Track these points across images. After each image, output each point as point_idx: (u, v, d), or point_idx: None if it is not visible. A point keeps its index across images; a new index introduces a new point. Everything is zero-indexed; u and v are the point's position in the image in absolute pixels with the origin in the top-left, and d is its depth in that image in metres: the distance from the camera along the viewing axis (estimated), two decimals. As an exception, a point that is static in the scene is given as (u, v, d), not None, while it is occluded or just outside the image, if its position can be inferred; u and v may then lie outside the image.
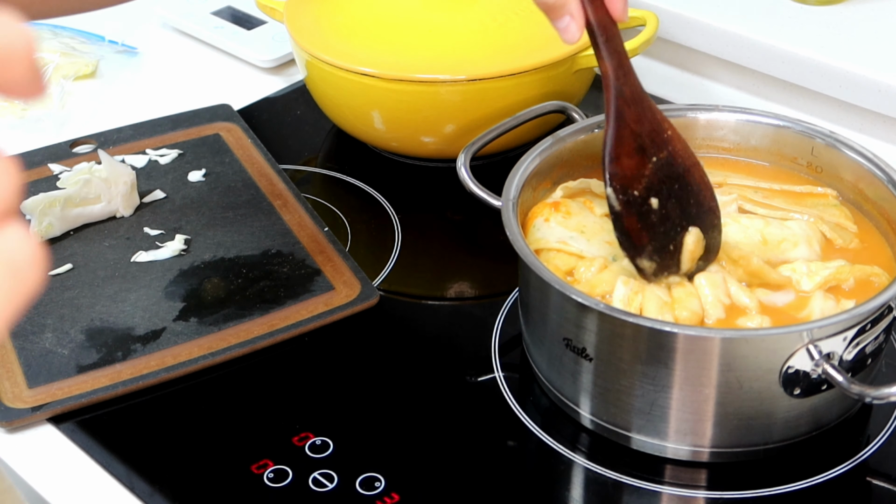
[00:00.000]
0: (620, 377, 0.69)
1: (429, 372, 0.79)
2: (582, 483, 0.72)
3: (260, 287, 0.84)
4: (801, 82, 1.02)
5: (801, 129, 0.82)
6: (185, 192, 0.95)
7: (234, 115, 1.04)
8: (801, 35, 1.03)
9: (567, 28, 0.68)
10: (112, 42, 1.19)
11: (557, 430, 0.74)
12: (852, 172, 0.80)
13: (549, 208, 0.78)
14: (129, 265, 0.86)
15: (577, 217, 0.78)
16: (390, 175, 1.00)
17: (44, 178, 0.96)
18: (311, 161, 1.03)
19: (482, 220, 0.87)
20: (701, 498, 0.71)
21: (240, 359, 0.79)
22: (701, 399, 0.67)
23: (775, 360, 0.66)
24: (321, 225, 0.90)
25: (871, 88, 0.97)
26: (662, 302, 0.70)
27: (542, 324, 0.74)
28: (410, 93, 0.92)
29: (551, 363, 0.74)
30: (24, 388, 0.76)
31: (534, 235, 0.77)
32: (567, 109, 0.87)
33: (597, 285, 0.72)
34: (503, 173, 0.78)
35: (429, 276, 0.90)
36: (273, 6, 1.04)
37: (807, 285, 0.73)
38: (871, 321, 0.67)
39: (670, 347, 0.66)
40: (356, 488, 0.70)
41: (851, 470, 0.71)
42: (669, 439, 0.70)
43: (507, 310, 0.84)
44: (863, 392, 0.66)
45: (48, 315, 0.82)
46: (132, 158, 0.98)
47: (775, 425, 0.69)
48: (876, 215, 0.78)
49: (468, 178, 0.79)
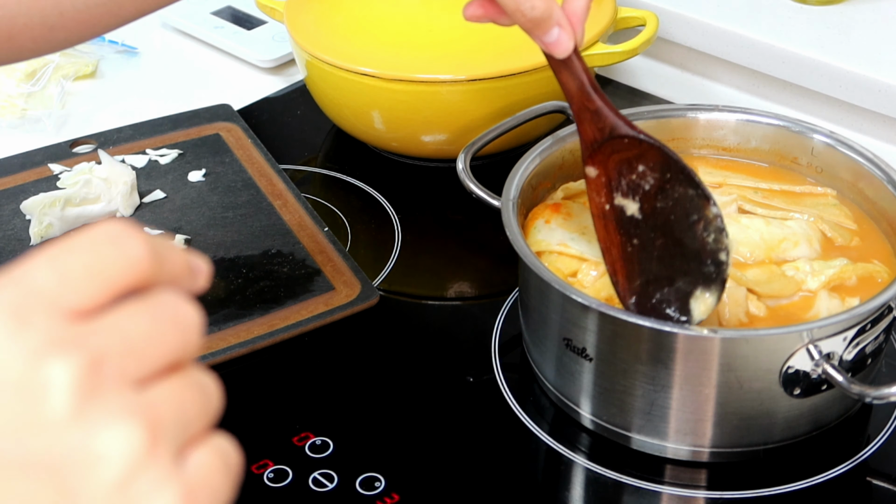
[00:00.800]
0: (620, 377, 0.69)
1: (429, 372, 0.79)
2: (582, 483, 0.72)
3: (260, 287, 0.84)
4: (801, 82, 1.02)
5: (801, 129, 0.82)
6: (185, 192, 0.95)
7: (234, 115, 1.04)
8: (801, 35, 1.03)
9: (558, 40, 0.64)
10: (112, 42, 1.19)
11: (557, 430, 0.74)
12: (852, 172, 0.79)
13: (550, 210, 0.78)
14: (129, 265, 0.86)
15: (578, 218, 0.77)
16: (390, 175, 1.00)
17: (44, 178, 0.96)
18: (311, 161, 1.03)
19: (482, 220, 0.87)
20: (701, 498, 0.71)
21: (240, 359, 0.79)
22: (701, 399, 0.67)
23: (775, 360, 0.66)
24: (321, 225, 0.90)
25: (871, 88, 0.97)
26: None
27: (542, 324, 0.74)
28: (410, 93, 0.92)
29: (551, 363, 0.74)
30: (24, 388, 0.76)
31: (534, 237, 0.77)
32: (567, 109, 0.86)
33: (601, 290, 0.72)
34: (503, 173, 0.78)
35: (429, 276, 0.90)
36: (273, 6, 1.04)
37: (812, 284, 0.73)
38: (871, 321, 0.67)
39: (670, 347, 0.66)
40: (356, 488, 0.70)
41: (851, 470, 0.71)
42: (669, 439, 0.70)
43: (507, 310, 0.84)
44: (863, 392, 0.66)
45: (48, 315, 0.82)
46: (132, 158, 0.98)
47: (775, 425, 0.69)
48: (876, 215, 0.78)
49: (468, 178, 0.79)
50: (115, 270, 0.31)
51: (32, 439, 0.29)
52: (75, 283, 0.31)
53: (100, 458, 0.29)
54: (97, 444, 0.29)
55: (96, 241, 0.31)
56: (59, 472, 0.29)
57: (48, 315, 0.30)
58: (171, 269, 0.33)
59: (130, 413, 0.30)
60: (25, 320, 0.30)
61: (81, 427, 0.29)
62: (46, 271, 0.31)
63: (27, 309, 0.30)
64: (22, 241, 0.89)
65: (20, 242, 0.89)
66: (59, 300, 0.30)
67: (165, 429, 0.31)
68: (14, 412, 0.29)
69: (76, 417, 0.29)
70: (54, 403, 0.29)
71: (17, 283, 0.31)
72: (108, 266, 0.31)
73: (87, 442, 0.29)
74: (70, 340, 0.30)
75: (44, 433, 0.29)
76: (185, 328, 0.32)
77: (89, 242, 0.31)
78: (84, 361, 0.30)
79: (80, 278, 0.31)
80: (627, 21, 1.00)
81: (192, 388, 0.32)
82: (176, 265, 0.33)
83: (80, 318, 0.31)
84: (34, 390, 0.29)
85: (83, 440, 0.29)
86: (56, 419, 0.29)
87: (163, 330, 0.32)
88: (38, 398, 0.29)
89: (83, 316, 0.31)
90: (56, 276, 0.31)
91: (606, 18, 0.97)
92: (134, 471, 0.29)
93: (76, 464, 0.29)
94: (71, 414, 0.29)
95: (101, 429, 0.29)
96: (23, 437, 0.29)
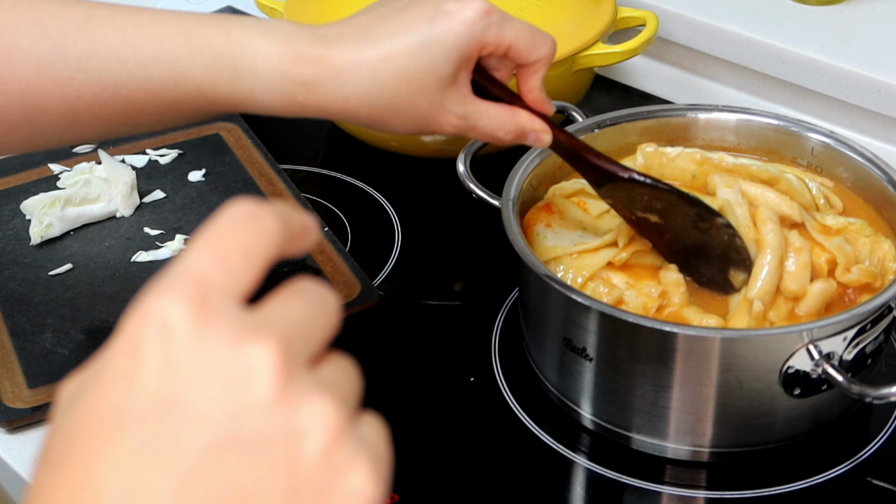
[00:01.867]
0: (620, 377, 0.69)
1: (429, 372, 0.79)
2: (582, 483, 0.72)
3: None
4: (801, 82, 1.02)
5: (801, 129, 0.82)
6: (185, 192, 0.95)
7: (234, 115, 1.04)
8: (801, 35, 1.03)
9: (537, 139, 0.69)
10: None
11: (557, 430, 0.74)
12: (852, 172, 0.80)
13: (544, 213, 0.78)
14: (130, 265, 0.86)
15: (571, 215, 0.77)
16: (390, 175, 1.00)
17: (44, 178, 0.96)
18: (311, 161, 1.03)
19: (482, 220, 0.87)
20: (701, 498, 0.71)
21: (240, 359, 0.78)
22: (701, 399, 0.67)
23: (775, 360, 0.66)
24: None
25: (871, 88, 0.97)
26: None
27: (542, 324, 0.74)
28: (410, 93, 0.92)
29: (551, 363, 0.74)
30: (24, 388, 0.76)
31: (543, 244, 0.75)
32: (567, 109, 0.87)
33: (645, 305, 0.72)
34: (503, 173, 0.78)
35: (429, 276, 0.90)
36: (273, 6, 1.04)
37: (830, 221, 0.75)
38: (871, 321, 0.67)
39: (670, 347, 0.66)
40: (356, 488, 0.69)
41: (851, 470, 0.71)
42: (669, 439, 0.70)
43: (507, 310, 0.84)
44: (863, 392, 0.66)
45: (48, 315, 0.82)
46: (132, 158, 0.98)
47: (775, 425, 0.69)
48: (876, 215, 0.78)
49: (468, 179, 0.79)
50: (262, 248, 0.35)
51: (244, 421, 0.32)
52: (236, 268, 0.34)
53: (305, 432, 0.32)
54: (301, 419, 0.32)
55: (238, 221, 0.34)
56: (271, 448, 0.32)
57: (225, 302, 0.33)
58: (294, 233, 0.36)
59: (320, 390, 0.33)
60: (208, 310, 0.33)
61: (284, 406, 0.32)
62: (208, 259, 0.33)
63: (204, 298, 0.33)
64: (22, 241, 0.89)
65: (20, 242, 0.89)
66: (228, 286, 0.34)
67: (346, 403, 0.34)
68: (225, 397, 0.32)
69: (280, 397, 0.32)
70: (259, 386, 0.32)
71: (185, 274, 0.33)
72: (257, 246, 0.34)
73: (291, 418, 0.32)
74: (257, 327, 0.33)
75: (253, 414, 0.32)
76: (331, 311, 0.36)
77: (232, 224, 0.34)
78: (278, 347, 0.33)
79: (238, 262, 0.34)
80: (627, 21, 1.01)
81: (344, 367, 0.36)
82: (296, 228, 0.36)
83: (247, 303, 0.34)
84: (240, 376, 0.32)
85: (288, 417, 0.32)
86: (263, 400, 0.32)
87: (316, 314, 0.35)
88: (245, 382, 0.32)
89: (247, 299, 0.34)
90: (217, 262, 0.33)
91: (606, 18, 0.97)
92: (335, 441, 0.32)
93: (285, 439, 0.32)
94: (275, 394, 0.32)
95: (300, 406, 0.32)
96: (235, 420, 0.32)
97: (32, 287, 0.84)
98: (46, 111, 0.63)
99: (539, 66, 0.68)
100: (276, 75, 0.63)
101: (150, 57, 0.63)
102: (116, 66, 0.63)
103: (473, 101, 0.66)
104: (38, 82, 0.63)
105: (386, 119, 0.65)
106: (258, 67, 0.63)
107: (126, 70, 0.63)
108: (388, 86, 0.63)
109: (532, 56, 0.67)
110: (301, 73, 0.63)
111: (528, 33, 0.66)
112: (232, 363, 0.32)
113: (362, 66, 0.63)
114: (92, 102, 0.63)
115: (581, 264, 0.73)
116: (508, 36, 0.65)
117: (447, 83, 0.64)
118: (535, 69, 0.68)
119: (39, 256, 0.88)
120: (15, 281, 0.85)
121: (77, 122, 0.64)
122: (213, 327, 0.32)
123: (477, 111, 0.66)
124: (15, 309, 0.82)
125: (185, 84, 0.63)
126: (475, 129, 0.67)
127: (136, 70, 0.63)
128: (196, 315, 0.32)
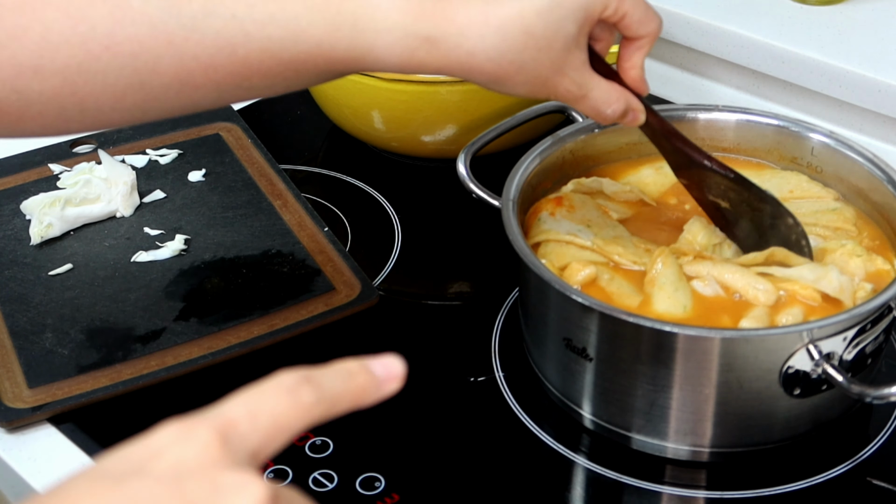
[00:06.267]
0: (620, 377, 0.69)
1: (429, 372, 0.79)
2: (582, 483, 0.72)
3: (260, 287, 0.84)
4: (801, 82, 1.02)
5: (801, 129, 0.82)
6: (185, 192, 0.95)
7: (234, 115, 1.04)
8: (801, 35, 1.03)
9: (632, 119, 0.70)
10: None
11: (558, 431, 0.74)
12: (852, 172, 0.80)
13: (553, 203, 0.78)
14: (129, 265, 0.86)
15: (581, 211, 0.78)
16: (390, 175, 1.00)
17: (44, 178, 0.96)
18: (311, 161, 1.03)
19: (482, 220, 0.87)
20: (701, 498, 0.71)
21: (240, 359, 0.79)
22: (701, 399, 0.67)
23: (775, 360, 0.66)
24: (321, 225, 0.90)
25: (871, 88, 0.97)
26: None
27: (542, 324, 0.74)
28: (410, 93, 0.92)
29: (551, 363, 0.74)
30: (24, 388, 0.76)
31: (540, 227, 0.77)
32: (567, 109, 0.87)
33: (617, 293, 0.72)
34: (503, 173, 0.78)
35: (429, 276, 0.90)
36: None
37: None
38: (871, 321, 0.67)
39: (670, 347, 0.66)
40: (356, 488, 0.70)
41: (851, 470, 0.71)
42: (669, 439, 0.70)
43: (507, 310, 0.84)
44: (863, 392, 0.66)
45: (48, 315, 0.82)
46: (132, 158, 0.98)
47: (775, 425, 0.69)
48: (876, 216, 0.78)
49: (468, 178, 0.79)
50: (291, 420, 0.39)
51: None
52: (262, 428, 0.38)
53: None
54: None
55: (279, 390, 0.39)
56: None
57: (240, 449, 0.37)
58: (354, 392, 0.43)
59: None
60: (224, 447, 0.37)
61: None
62: (243, 411, 0.38)
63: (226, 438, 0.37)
64: (22, 241, 0.89)
65: (20, 242, 0.89)
66: (250, 439, 0.38)
67: None
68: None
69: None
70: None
71: (221, 415, 0.38)
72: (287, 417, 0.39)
73: None
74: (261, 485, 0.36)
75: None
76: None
77: (274, 391, 0.39)
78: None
79: (265, 425, 0.38)
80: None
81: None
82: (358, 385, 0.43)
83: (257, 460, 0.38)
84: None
85: None
86: None
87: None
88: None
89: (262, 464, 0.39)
90: (249, 418, 0.38)
91: (606, 18, 0.97)
92: None
93: None
94: None
95: None
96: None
97: (32, 287, 0.84)
98: (160, 73, 0.61)
99: (644, 43, 0.68)
100: (398, 30, 0.62)
101: (267, 15, 0.61)
102: (233, 25, 0.61)
103: (589, 71, 0.67)
104: (152, 43, 0.60)
105: (509, 76, 0.64)
106: (379, 23, 0.61)
107: (243, 29, 0.61)
108: (517, 42, 0.63)
109: (641, 30, 0.68)
110: (424, 28, 0.62)
111: (642, 5, 0.67)
112: (210, 496, 0.36)
113: (490, 21, 0.62)
114: (207, 64, 0.61)
115: (564, 253, 0.74)
116: (627, 3, 0.66)
117: (571, 45, 0.64)
118: (640, 45, 0.69)
119: (39, 256, 0.88)
120: (15, 281, 0.85)
121: (191, 85, 0.62)
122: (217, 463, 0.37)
123: (591, 81, 0.67)
124: (15, 309, 0.82)
125: (304, 42, 0.62)
126: (586, 98, 0.67)
127: (252, 29, 0.61)
128: (213, 444, 0.37)
